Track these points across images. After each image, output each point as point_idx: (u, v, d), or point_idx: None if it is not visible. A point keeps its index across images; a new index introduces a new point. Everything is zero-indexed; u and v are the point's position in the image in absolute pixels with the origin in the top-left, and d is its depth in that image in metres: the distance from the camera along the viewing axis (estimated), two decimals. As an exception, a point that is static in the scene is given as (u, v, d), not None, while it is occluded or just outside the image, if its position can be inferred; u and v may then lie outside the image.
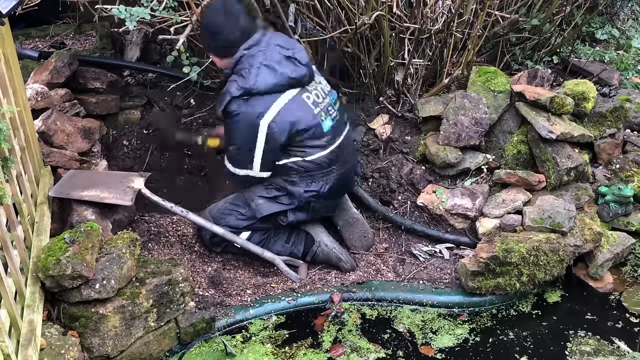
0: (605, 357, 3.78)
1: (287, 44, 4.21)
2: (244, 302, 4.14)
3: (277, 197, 4.27)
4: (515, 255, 4.05)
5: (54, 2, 4.64)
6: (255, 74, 4.04)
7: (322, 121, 4.21)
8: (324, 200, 4.33)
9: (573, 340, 3.91)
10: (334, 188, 4.34)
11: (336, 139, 4.30)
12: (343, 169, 4.36)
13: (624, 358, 3.78)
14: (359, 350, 3.86)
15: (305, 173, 4.22)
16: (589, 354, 3.79)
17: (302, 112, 4.15)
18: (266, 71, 4.05)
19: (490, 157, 4.74)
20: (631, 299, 4.22)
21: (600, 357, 3.77)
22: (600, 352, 3.81)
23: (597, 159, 4.97)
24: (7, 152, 3.19)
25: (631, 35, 6.82)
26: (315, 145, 4.20)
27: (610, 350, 3.81)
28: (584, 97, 4.79)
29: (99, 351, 3.45)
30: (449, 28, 4.92)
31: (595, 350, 3.82)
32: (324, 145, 4.23)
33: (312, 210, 4.34)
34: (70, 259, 3.29)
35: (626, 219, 4.62)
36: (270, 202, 4.27)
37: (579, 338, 3.92)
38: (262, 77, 4.04)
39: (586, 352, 3.81)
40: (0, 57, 3.46)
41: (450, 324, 4.06)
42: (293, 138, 4.14)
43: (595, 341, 3.90)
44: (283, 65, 4.09)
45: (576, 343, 3.88)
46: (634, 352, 3.82)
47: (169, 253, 4.37)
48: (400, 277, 4.39)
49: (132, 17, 4.26)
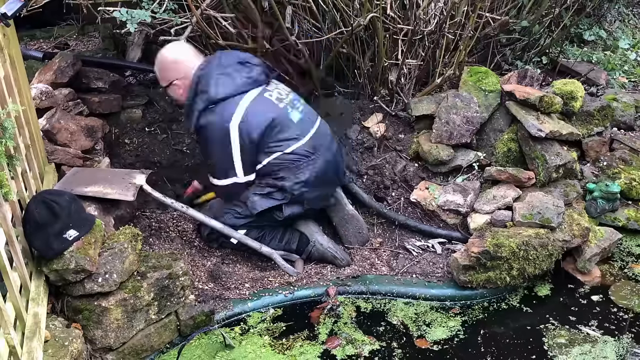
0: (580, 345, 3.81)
1: (239, 55, 4.31)
2: (242, 295, 4.14)
3: (271, 193, 4.28)
4: (506, 250, 4.06)
5: (58, 4, 4.63)
6: (215, 84, 4.12)
7: (289, 113, 4.26)
8: (315, 190, 4.33)
9: (559, 332, 3.92)
10: (322, 175, 4.34)
11: (309, 129, 4.33)
12: (327, 156, 4.36)
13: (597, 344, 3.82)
14: (354, 342, 3.86)
15: (291, 165, 4.23)
16: (572, 344, 3.81)
17: (267, 107, 4.21)
18: (223, 78, 4.14)
19: (481, 155, 4.75)
20: (618, 293, 4.23)
21: (577, 346, 3.80)
22: (577, 341, 3.83)
23: (585, 156, 4.99)
24: (12, 150, 3.19)
25: (618, 36, 6.85)
26: (289, 137, 4.23)
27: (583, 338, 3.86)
28: (572, 97, 4.81)
29: (102, 343, 3.46)
30: (441, 29, 4.93)
31: (570, 340, 3.85)
32: (298, 136, 4.26)
33: (307, 202, 4.34)
34: (73, 254, 3.30)
35: (613, 215, 4.64)
36: (264, 198, 4.28)
37: (565, 330, 3.94)
38: (221, 85, 4.12)
39: (569, 342, 3.83)
40: (6, 57, 3.47)
41: (443, 317, 4.07)
42: (266, 134, 4.18)
43: (576, 331, 3.92)
44: (238, 70, 4.18)
45: (560, 335, 3.89)
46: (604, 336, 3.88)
47: (169, 248, 4.38)
48: (394, 271, 4.39)
49: (134, 20, 4.27)
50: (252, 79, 4.20)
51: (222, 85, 4.12)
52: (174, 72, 4.29)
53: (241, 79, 4.17)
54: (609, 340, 3.86)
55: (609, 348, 3.80)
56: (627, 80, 6.26)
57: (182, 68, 4.27)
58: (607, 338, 3.88)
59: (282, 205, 4.29)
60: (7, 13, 2.94)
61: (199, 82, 4.18)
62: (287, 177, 4.24)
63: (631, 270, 4.43)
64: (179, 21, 4.52)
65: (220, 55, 4.28)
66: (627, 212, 4.67)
